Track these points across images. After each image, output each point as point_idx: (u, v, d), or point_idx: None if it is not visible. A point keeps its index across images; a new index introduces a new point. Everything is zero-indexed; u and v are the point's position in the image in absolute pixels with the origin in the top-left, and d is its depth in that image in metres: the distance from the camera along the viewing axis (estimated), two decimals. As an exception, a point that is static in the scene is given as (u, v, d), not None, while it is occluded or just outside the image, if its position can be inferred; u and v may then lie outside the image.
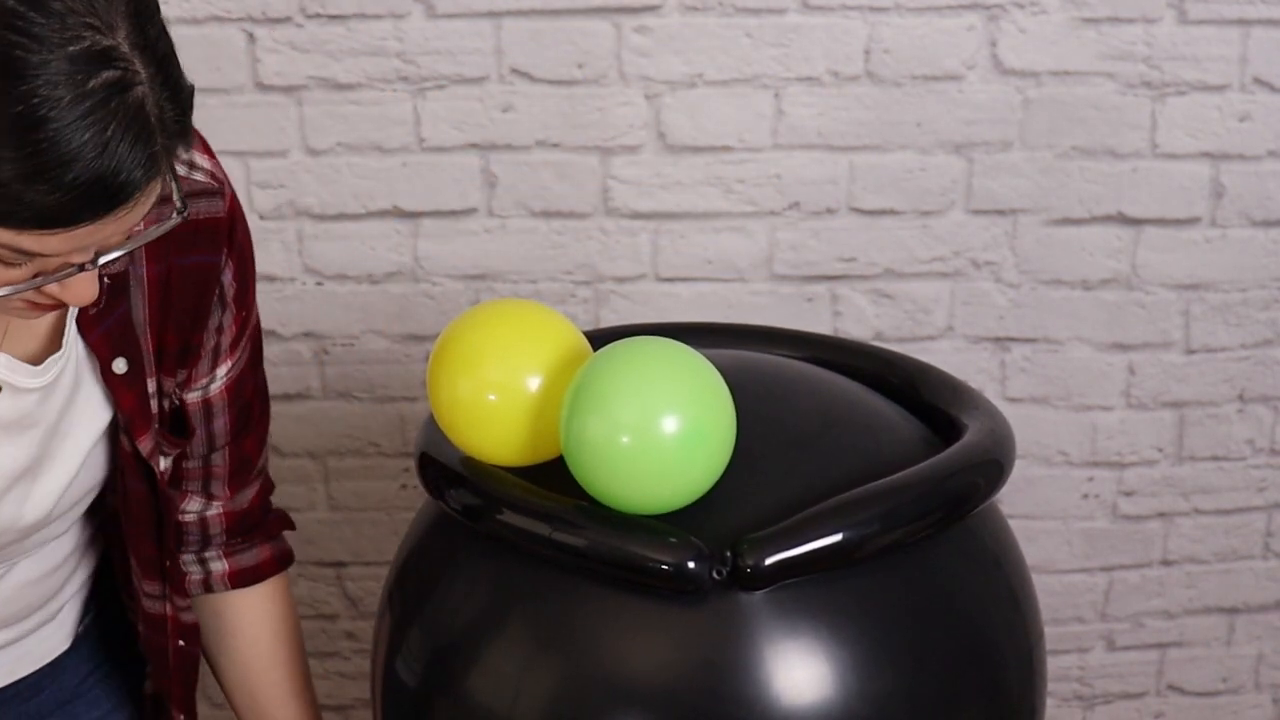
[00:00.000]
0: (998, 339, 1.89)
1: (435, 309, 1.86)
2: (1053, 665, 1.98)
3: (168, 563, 1.18)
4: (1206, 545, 2.01)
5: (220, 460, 1.20)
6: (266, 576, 1.26)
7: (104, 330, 1.04)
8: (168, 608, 1.19)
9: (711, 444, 0.99)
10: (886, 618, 1.01)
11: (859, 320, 1.88)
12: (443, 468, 1.11)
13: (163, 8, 0.90)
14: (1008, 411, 1.84)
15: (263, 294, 1.85)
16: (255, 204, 1.80)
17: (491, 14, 1.74)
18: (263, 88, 1.76)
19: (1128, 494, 1.97)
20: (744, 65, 1.77)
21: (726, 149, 1.80)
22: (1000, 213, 1.84)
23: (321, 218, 1.81)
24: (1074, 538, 1.99)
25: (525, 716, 1.01)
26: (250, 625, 1.25)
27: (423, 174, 1.80)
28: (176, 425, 1.16)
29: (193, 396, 1.16)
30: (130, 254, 0.96)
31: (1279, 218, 1.85)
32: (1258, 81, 1.79)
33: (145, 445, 1.09)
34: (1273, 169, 1.83)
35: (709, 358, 1.16)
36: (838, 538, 0.98)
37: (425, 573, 1.14)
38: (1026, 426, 1.91)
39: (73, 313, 1.03)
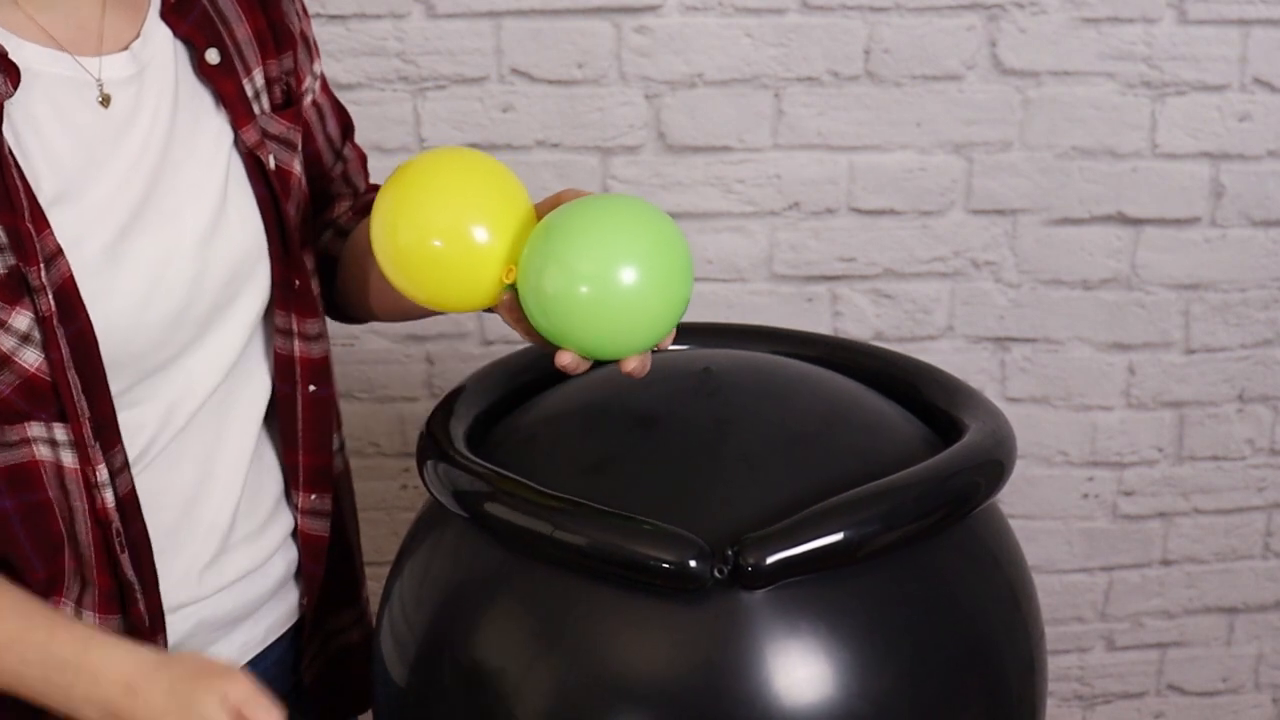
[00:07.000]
0: (998, 339, 1.89)
1: (435, 309, 1.86)
2: (1053, 665, 1.98)
3: (296, 281, 1.16)
4: (1206, 545, 2.01)
5: (351, 153, 1.27)
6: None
7: (191, 21, 1.08)
8: (295, 345, 1.17)
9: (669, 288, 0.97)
10: (887, 617, 1.01)
11: (859, 320, 1.88)
12: (442, 467, 1.11)
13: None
14: (1008, 411, 1.83)
15: (263, 294, 1.85)
16: (255, 204, 1.80)
17: (491, 14, 1.74)
18: (263, 88, 1.76)
19: (1128, 494, 1.97)
20: (744, 65, 1.77)
21: (726, 149, 1.80)
22: (1000, 213, 1.84)
23: (321, 218, 1.81)
24: (1074, 538, 1.99)
25: (525, 715, 1.01)
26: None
27: (423, 174, 1.80)
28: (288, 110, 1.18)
29: (305, 92, 1.18)
30: None
31: (1279, 218, 1.86)
32: (1258, 81, 1.80)
33: (250, 136, 1.11)
34: (1273, 169, 1.83)
35: (709, 358, 1.17)
36: (839, 537, 0.98)
37: (425, 572, 1.14)
38: (1026, 426, 1.91)
39: (155, 6, 1.08)
